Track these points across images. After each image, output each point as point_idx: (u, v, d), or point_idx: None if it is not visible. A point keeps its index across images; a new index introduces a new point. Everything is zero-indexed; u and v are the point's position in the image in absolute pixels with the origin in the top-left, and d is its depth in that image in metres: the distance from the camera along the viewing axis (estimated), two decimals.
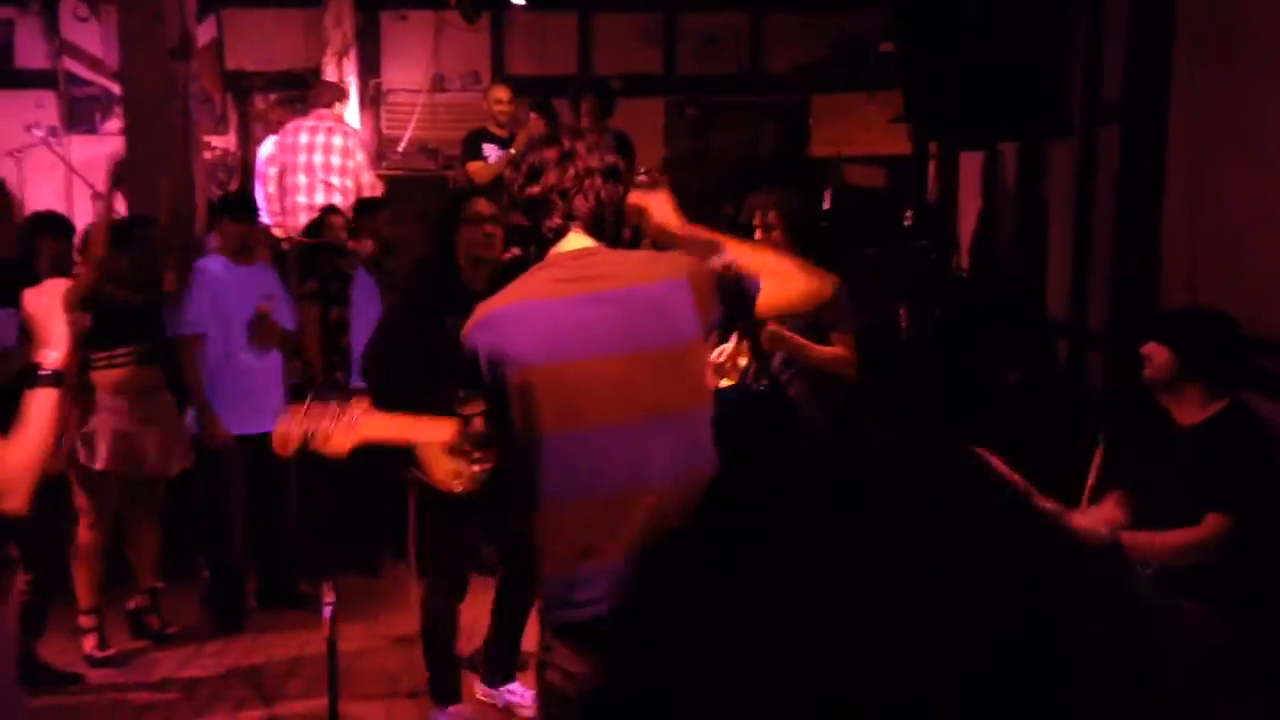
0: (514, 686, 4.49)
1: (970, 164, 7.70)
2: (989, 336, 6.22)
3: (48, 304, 2.50)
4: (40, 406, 2.44)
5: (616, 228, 2.62)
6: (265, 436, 5.11)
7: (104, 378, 4.97)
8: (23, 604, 4.58)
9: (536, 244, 2.61)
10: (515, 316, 2.48)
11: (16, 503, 2.39)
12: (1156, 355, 3.57)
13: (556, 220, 2.54)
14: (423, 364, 3.83)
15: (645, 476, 2.38)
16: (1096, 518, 3.59)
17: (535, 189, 2.55)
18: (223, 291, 5.35)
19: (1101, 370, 5.75)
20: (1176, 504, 3.43)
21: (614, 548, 2.35)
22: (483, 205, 4.16)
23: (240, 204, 5.80)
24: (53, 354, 2.47)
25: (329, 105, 7.84)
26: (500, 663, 4.50)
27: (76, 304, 2.76)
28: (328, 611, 3.44)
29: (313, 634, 4.48)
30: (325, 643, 3.51)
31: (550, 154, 2.55)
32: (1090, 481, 3.78)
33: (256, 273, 5.51)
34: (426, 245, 4.56)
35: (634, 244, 2.85)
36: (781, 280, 2.54)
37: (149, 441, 5.05)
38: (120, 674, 5.01)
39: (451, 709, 4.37)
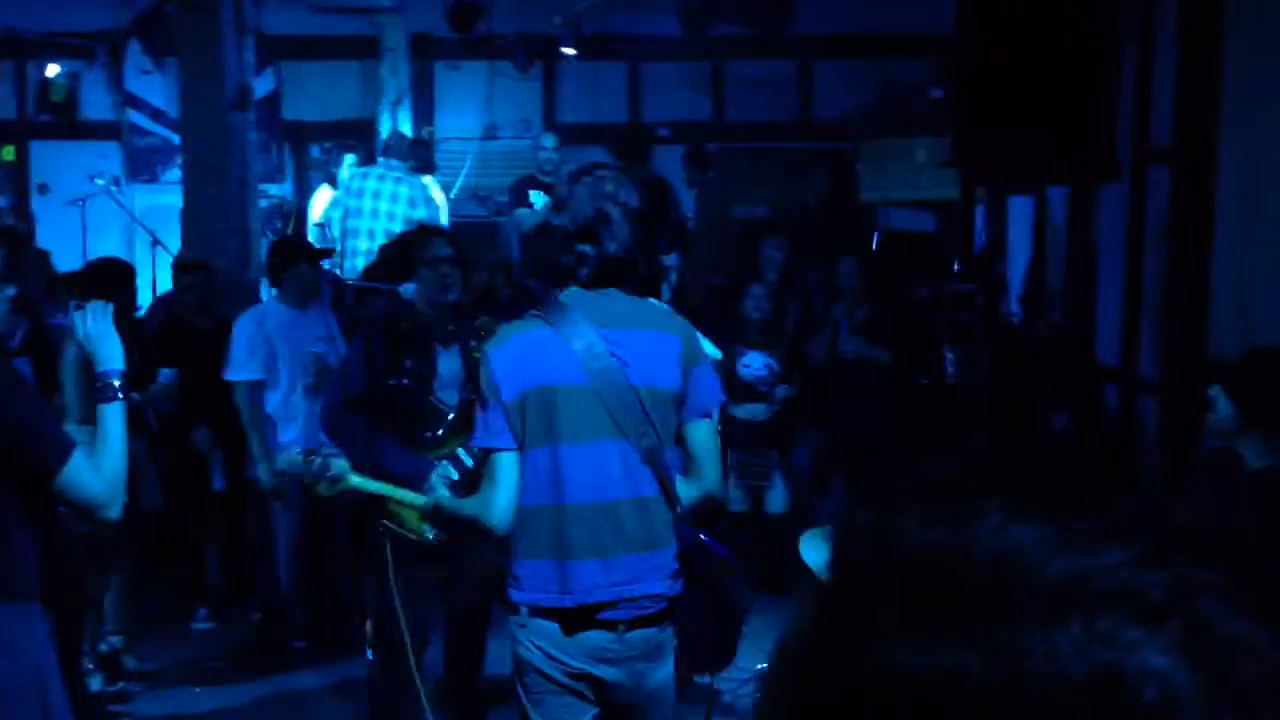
0: None
1: (1019, 208, 7.68)
2: (1037, 381, 6.16)
3: (99, 325, 2.65)
4: (114, 419, 2.57)
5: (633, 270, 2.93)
6: None
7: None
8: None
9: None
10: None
11: (116, 512, 2.55)
12: (1218, 400, 3.29)
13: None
14: (384, 411, 3.84)
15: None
16: None
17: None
18: (282, 337, 5.46)
19: (1152, 415, 5.68)
20: None
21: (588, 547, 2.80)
22: (442, 247, 4.06)
23: (313, 248, 5.94)
24: (114, 369, 2.62)
25: (404, 159, 7.93)
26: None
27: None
28: (369, 651, 3.47)
29: (357, 670, 4.49)
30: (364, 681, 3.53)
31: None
32: None
33: (314, 317, 5.60)
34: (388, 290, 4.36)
35: None
36: None
37: None
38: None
39: None
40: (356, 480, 3.56)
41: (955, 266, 7.43)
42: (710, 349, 4.61)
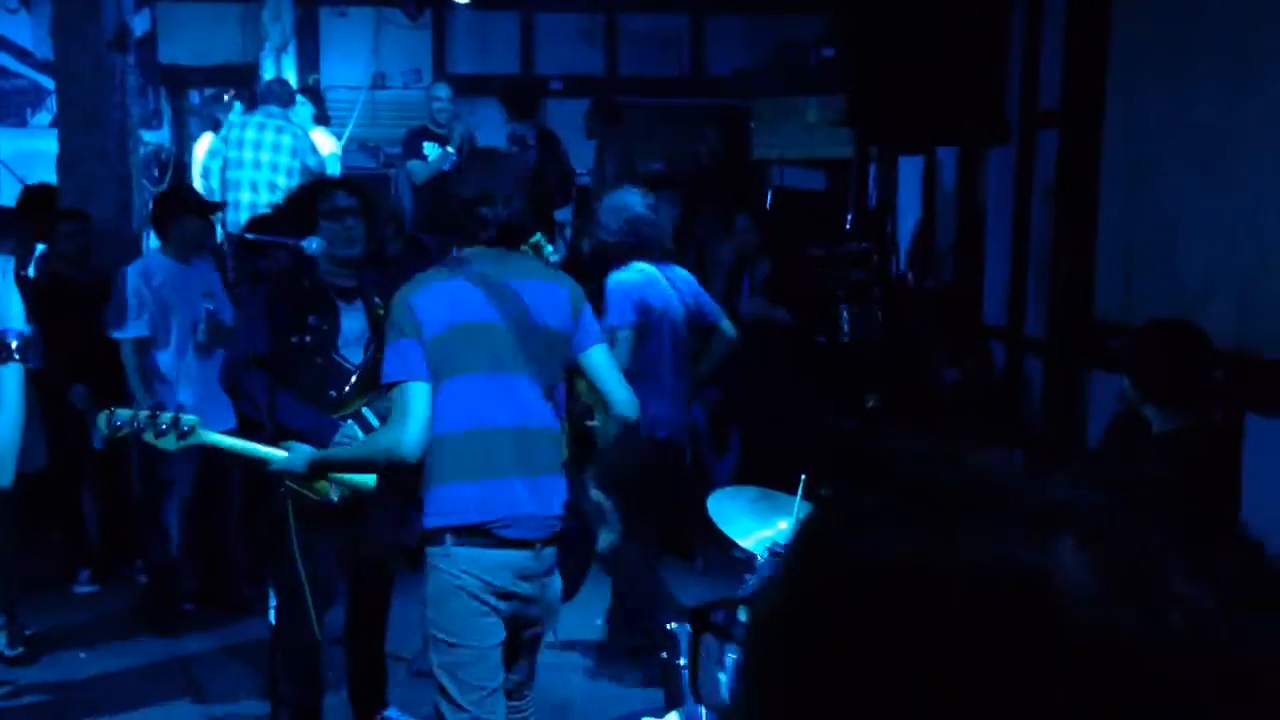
0: (389, 712, 4.23)
1: (910, 169, 7.80)
2: (929, 339, 6.30)
3: None
4: (9, 382, 2.46)
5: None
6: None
7: None
8: None
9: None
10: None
11: (4, 480, 2.44)
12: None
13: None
14: (286, 370, 3.75)
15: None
16: None
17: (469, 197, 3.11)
18: (169, 292, 5.26)
19: (1038, 373, 5.85)
20: None
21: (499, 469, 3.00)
22: (342, 199, 3.90)
23: (201, 199, 5.76)
24: (11, 329, 2.49)
25: (284, 105, 7.69)
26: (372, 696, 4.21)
27: None
28: (272, 615, 3.40)
29: (251, 634, 4.39)
30: (261, 643, 3.46)
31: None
32: None
33: (198, 271, 5.42)
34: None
35: None
36: None
37: None
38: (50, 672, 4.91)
39: None
40: (211, 436, 3.56)
41: (847, 226, 7.52)
42: (728, 328, 4.96)
